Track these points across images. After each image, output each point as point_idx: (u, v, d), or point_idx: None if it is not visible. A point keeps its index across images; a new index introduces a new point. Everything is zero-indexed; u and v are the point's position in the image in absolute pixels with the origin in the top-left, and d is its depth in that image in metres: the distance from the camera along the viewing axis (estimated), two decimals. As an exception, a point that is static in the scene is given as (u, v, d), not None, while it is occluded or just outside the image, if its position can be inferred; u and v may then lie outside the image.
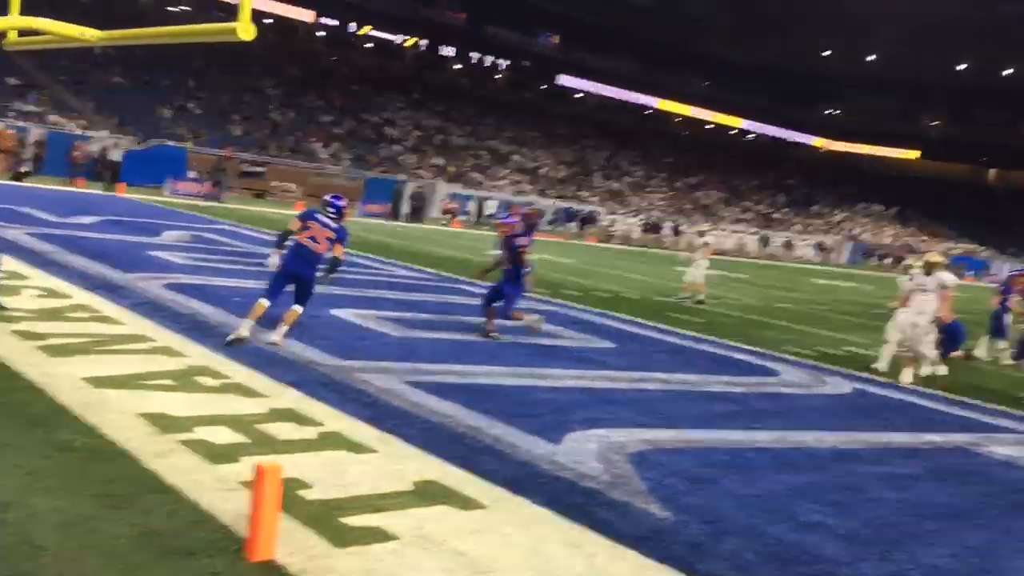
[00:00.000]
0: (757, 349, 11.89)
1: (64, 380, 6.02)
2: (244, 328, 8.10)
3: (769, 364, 10.92)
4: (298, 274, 8.43)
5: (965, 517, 5.80)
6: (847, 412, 8.70)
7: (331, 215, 8.56)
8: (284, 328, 8.27)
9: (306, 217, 8.55)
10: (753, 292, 22.06)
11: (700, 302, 16.66)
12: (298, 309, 8.41)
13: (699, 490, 5.59)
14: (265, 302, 8.26)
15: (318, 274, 8.59)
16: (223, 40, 7.56)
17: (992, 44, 66.01)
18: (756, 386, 9.38)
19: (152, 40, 8.30)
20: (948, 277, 11.02)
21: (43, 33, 10.15)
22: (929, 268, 10.94)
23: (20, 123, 31.08)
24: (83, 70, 39.55)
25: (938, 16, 63.70)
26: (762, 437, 7.15)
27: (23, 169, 26.94)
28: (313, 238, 8.41)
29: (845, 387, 10.01)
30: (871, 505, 5.73)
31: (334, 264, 8.59)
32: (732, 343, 12.11)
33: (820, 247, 49.58)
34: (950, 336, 11.66)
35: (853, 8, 66.05)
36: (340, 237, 8.55)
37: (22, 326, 7.41)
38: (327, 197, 8.79)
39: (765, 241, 45.55)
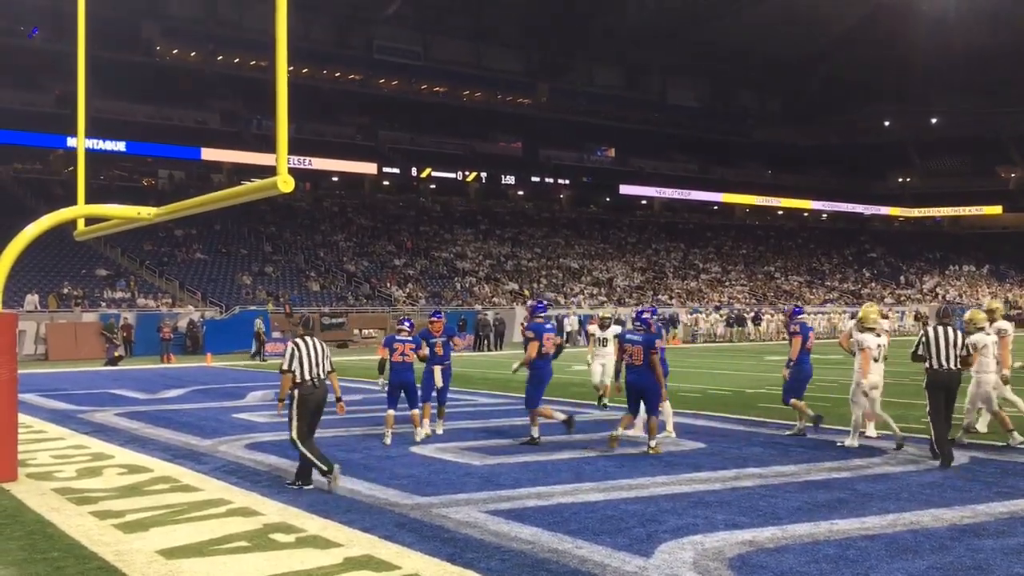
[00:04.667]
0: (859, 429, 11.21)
1: (138, 556, 5.93)
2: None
3: (874, 443, 10.29)
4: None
5: (1115, 584, 5.17)
6: (965, 484, 8.04)
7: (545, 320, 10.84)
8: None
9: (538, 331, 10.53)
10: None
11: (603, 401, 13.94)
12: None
13: (808, 590, 5.12)
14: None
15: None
16: (267, 195, 7.75)
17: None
18: (862, 468, 8.80)
19: (203, 207, 8.57)
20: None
21: (107, 219, 10.62)
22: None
23: (112, 310, 32.51)
24: (167, 252, 41.51)
25: (994, 68, 62.99)
26: (873, 523, 6.61)
27: (117, 354, 27.99)
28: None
29: (961, 458, 9.30)
30: (1004, 584, 5.17)
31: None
32: (831, 427, 11.48)
33: (917, 316, 47.80)
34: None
35: (904, 75, 65.88)
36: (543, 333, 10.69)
37: (100, 506, 7.41)
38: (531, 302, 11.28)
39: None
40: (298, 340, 8.22)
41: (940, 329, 9.22)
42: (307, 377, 8.09)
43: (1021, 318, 52.25)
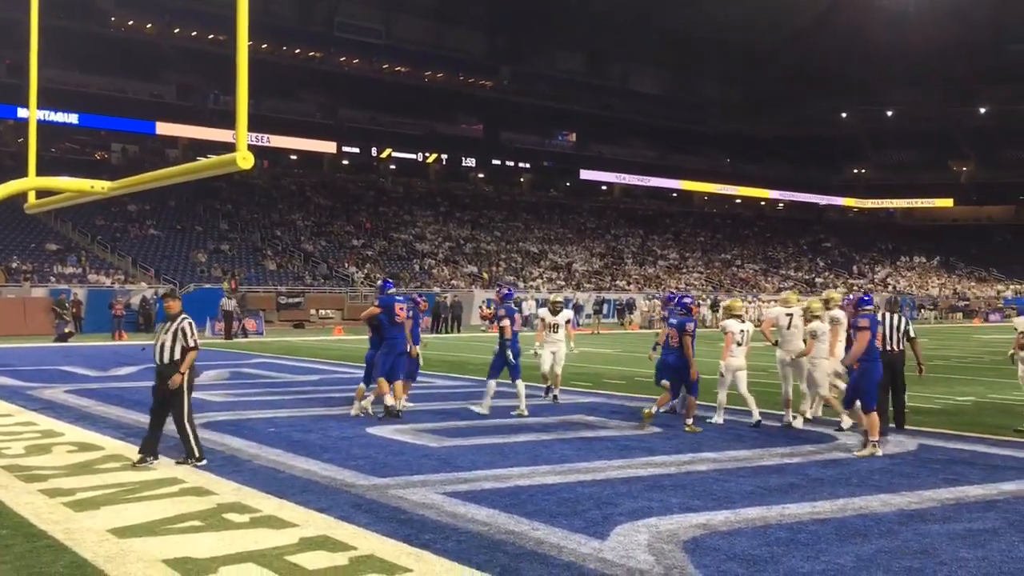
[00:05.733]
0: (812, 416, 11.41)
1: (88, 534, 5.84)
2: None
3: (826, 430, 10.46)
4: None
5: (1055, 569, 5.32)
6: (913, 470, 8.21)
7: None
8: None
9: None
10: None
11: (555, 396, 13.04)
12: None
13: (760, 572, 5.20)
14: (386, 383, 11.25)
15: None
16: (225, 171, 7.62)
17: (1009, 84, 66.08)
18: (813, 454, 8.95)
19: (160, 182, 8.38)
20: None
21: (59, 192, 10.39)
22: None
23: (62, 286, 31.91)
24: (119, 227, 40.80)
25: (951, 64, 64.03)
26: (824, 507, 6.73)
27: (67, 330, 27.49)
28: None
29: (909, 444, 9.52)
30: (948, 568, 5.28)
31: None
32: (784, 413, 11.62)
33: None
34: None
35: (862, 68, 66.74)
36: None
37: (50, 484, 7.29)
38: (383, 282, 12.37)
39: (810, 307, 44.71)
40: (189, 317, 8.33)
41: (888, 315, 10.32)
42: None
43: (969, 309, 53.39)
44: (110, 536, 5.80)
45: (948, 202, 73.16)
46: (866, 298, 9.70)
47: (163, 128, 46.65)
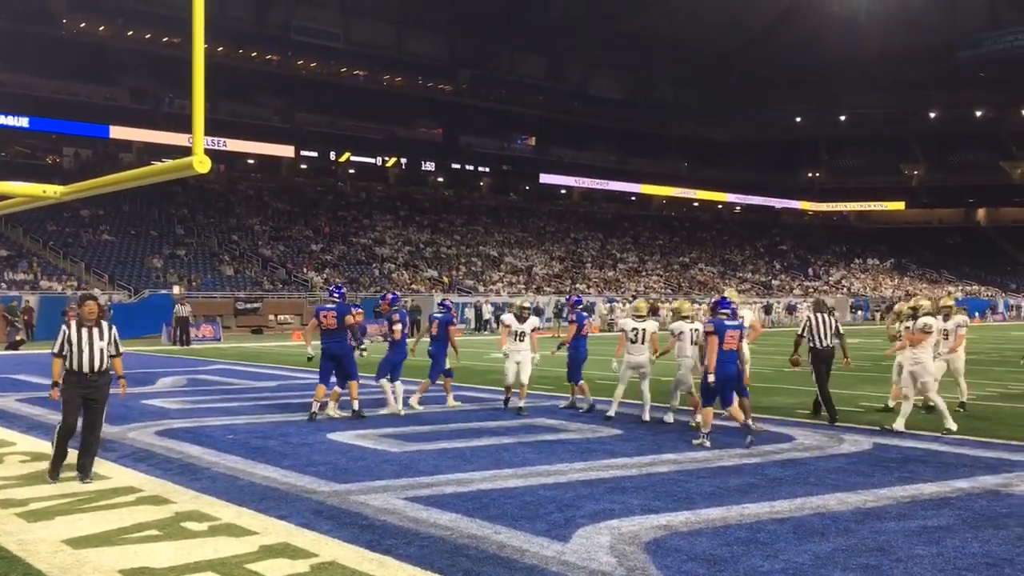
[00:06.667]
0: (769, 416, 11.57)
1: (42, 545, 5.73)
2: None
3: (782, 430, 10.59)
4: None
5: (1005, 564, 5.43)
6: (868, 469, 8.34)
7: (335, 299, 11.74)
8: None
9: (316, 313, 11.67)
10: (758, 360, 21.70)
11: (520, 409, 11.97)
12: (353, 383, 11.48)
13: (720, 572, 5.24)
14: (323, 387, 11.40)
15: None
16: (182, 175, 7.53)
17: (959, 89, 67.46)
18: (771, 454, 9.05)
19: (115, 186, 8.25)
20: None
21: (9, 197, 10.19)
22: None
23: (13, 293, 31.29)
24: (72, 233, 40.12)
25: (903, 69, 65.17)
26: (782, 507, 6.81)
27: (18, 337, 26.97)
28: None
29: (864, 443, 9.66)
30: (904, 564, 5.37)
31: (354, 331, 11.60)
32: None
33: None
34: None
35: (816, 73, 67.72)
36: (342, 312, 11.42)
37: (2, 495, 7.14)
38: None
39: (768, 309, 45.30)
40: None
41: (819, 316, 11.29)
42: None
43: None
44: (65, 547, 5.70)
45: (900, 205, 74.49)
46: (724, 301, 9.83)
47: (117, 132, 45.95)
